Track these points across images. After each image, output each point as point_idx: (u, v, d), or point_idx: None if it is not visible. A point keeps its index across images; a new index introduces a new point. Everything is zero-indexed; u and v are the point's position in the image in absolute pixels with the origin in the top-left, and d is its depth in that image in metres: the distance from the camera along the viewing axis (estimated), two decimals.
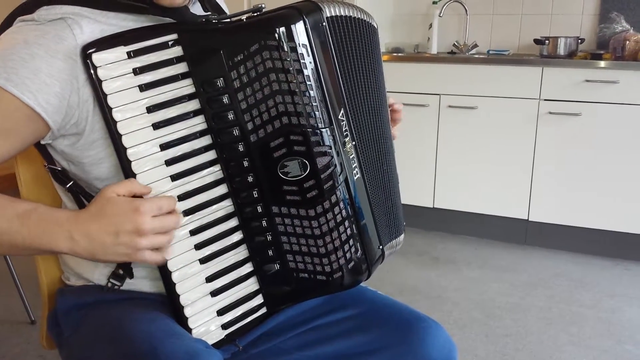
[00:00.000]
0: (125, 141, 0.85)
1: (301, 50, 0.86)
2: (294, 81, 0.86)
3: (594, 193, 2.81)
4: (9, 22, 0.88)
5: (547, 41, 3.03)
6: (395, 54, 3.31)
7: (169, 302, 0.91)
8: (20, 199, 0.84)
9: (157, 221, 0.82)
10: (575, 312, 2.38)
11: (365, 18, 1.01)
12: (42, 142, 0.90)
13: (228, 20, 0.90)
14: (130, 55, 0.85)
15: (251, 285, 0.96)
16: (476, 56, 3.21)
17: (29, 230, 0.80)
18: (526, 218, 2.98)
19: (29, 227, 0.80)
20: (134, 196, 0.84)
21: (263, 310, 0.98)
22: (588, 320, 2.31)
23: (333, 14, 0.92)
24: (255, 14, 0.88)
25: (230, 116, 0.89)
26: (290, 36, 0.85)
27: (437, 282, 2.66)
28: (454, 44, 3.41)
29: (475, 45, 3.35)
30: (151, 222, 0.81)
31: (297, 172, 0.89)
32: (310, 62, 0.87)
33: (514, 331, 2.23)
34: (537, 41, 3.07)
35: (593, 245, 2.93)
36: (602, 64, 2.71)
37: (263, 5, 0.89)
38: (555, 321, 2.30)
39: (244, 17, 0.89)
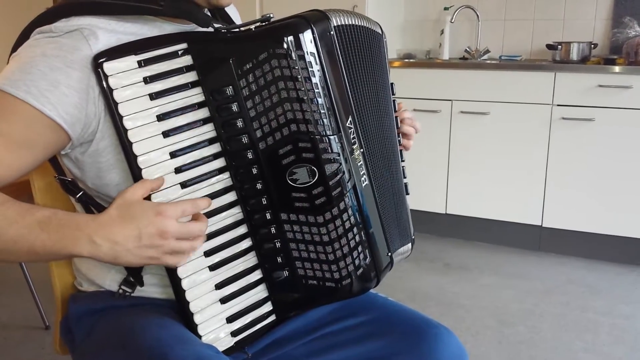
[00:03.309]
0: (136, 149, 0.85)
1: (309, 58, 0.87)
2: (302, 89, 0.86)
3: (608, 199, 2.79)
4: (26, 33, 0.90)
5: (559, 46, 3.02)
6: (406, 60, 3.31)
7: (178, 309, 0.92)
8: (38, 206, 0.85)
9: (182, 226, 0.82)
10: (589, 318, 2.36)
11: (371, 27, 1.01)
12: (62, 153, 0.91)
13: (237, 29, 0.91)
14: (141, 64, 0.86)
15: (260, 292, 0.96)
16: (488, 62, 3.21)
17: (49, 236, 0.79)
18: (540, 224, 2.96)
19: (49, 233, 0.79)
20: (149, 197, 0.85)
21: (272, 317, 0.98)
22: (602, 327, 2.29)
23: (340, 23, 0.93)
24: (264, 24, 0.89)
25: (239, 124, 0.90)
26: (298, 45, 0.86)
27: (449, 288, 2.64)
28: (466, 49, 3.41)
29: (487, 51, 3.34)
30: (175, 226, 0.81)
31: (306, 179, 0.89)
32: (318, 70, 0.88)
33: (528, 338, 2.21)
34: (549, 46, 3.06)
35: (607, 252, 2.90)
36: (616, 69, 2.69)
37: (271, 15, 0.90)
38: (569, 328, 2.28)
39: (252, 26, 0.90)
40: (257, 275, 0.96)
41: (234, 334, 0.94)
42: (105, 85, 0.84)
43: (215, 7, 0.96)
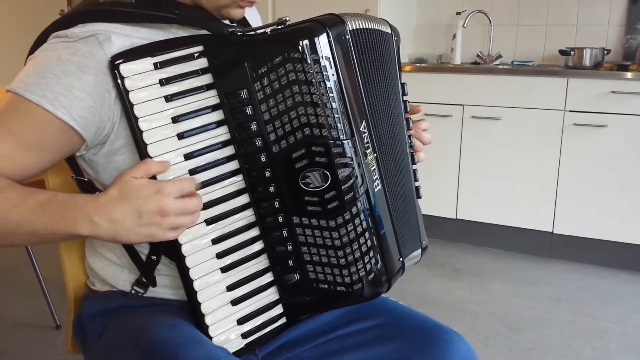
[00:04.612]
0: (151, 150, 0.86)
1: (324, 62, 0.87)
2: (317, 93, 0.87)
3: (619, 206, 2.77)
4: (43, 37, 0.91)
5: (572, 52, 3.00)
6: (418, 65, 3.31)
7: (190, 310, 0.92)
8: (39, 189, 0.86)
9: (180, 202, 0.83)
10: (600, 326, 2.34)
11: (383, 28, 1.01)
12: (77, 154, 0.93)
13: (253, 32, 0.92)
14: (157, 66, 0.87)
15: (271, 295, 0.97)
16: (500, 67, 3.20)
17: (50, 217, 0.81)
18: (551, 230, 2.94)
19: (50, 214, 0.81)
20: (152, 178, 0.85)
21: (283, 320, 0.98)
22: (613, 335, 2.27)
23: (356, 27, 0.93)
24: (280, 27, 0.90)
25: (253, 127, 0.90)
26: (313, 49, 0.86)
27: (459, 294, 2.63)
28: (478, 54, 3.40)
29: (500, 56, 3.34)
30: (174, 203, 0.82)
31: (319, 183, 0.89)
32: (333, 75, 0.88)
33: (538, 345, 2.20)
34: (562, 52, 3.05)
35: (619, 259, 2.88)
36: (629, 75, 2.68)
37: (287, 18, 0.90)
38: (579, 335, 2.27)
39: (268, 29, 0.91)
40: (268, 277, 0.96)
41: (244, 335, 0.94)
42: (121, 87, 0.85)
43: (227, 19, 0.97)
